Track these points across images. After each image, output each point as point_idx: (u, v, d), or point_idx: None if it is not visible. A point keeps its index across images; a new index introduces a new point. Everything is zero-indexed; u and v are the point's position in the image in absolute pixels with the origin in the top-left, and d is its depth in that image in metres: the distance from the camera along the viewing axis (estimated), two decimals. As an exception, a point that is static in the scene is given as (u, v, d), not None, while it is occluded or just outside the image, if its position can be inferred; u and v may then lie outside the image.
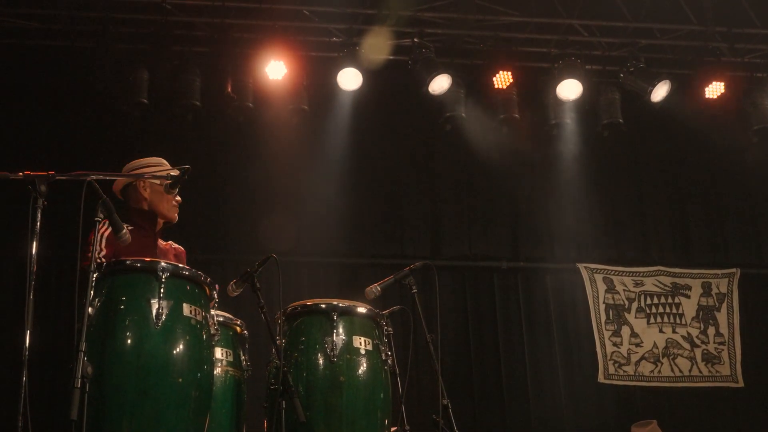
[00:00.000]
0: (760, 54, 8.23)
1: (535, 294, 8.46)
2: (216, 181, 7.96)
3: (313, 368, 3.87)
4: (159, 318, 3.28)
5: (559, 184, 8.48)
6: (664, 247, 8.76)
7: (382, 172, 8.45)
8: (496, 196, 8.54)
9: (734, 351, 8.42)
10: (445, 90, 7.88)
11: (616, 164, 8.68)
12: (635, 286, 8.49)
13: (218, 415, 3.78)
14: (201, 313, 3.45)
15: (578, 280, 8.43)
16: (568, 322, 8.39)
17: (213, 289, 3.58)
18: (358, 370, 3.90)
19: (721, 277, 8.62)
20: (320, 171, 8.09)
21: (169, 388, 3.27)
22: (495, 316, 8.33)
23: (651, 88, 7.84)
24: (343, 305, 3.99)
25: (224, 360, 3.91)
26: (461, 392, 7.84)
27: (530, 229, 8.60)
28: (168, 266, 3.38)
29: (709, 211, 8.90)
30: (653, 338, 8.35)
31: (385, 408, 3.99)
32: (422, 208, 8.58)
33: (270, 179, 7.97)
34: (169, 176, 3.90)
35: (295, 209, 7.99)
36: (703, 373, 8.32)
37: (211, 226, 7.90)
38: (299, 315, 4.02)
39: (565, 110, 8.09)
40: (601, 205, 8.63)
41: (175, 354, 3.31)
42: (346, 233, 8.15)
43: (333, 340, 3.87)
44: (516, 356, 8.21)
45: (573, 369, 8.25)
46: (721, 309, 8.52)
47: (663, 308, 8.45)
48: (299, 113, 7.83)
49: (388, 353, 4.04)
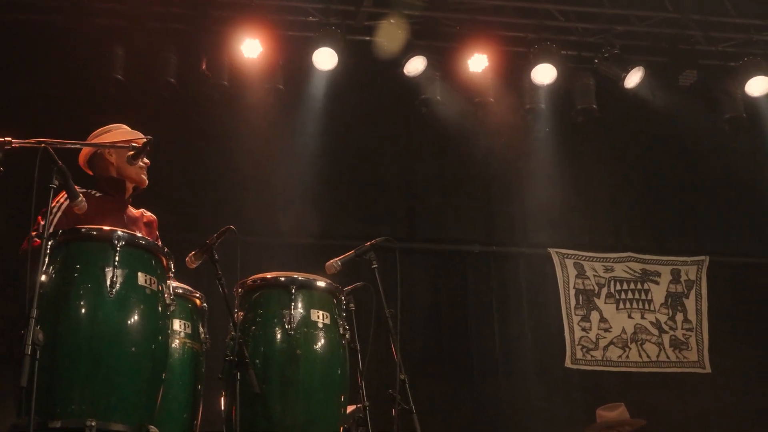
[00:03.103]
0: (734, 43, 8.26)
1: (507, 278, 8.51)
2: (189, 159, 7.93)
3: (270, 341, 3.88)
4: (113, 286, 3.27)
5: (533, 169, 8.51)
6: (635, 233, 8.83)
7: (357, 153, 8.45)
8: (470, 180, 8.55)
9: (702, 337, 8.50)
10: (420, 72, 7.88)
11: (589, 150, 8.71)
12: (605, 272, 8.56)
13: (175, 386, 3.79)
14: (156, 283, 3.43)
15: (550, 264, 8.49)
16: (538, 306, 8.45)
17: (170, 259, 3.56)
18: (316, 344, 3.92)
19: (690, 265, 8.70)
20: (295, 151, 8.08)
21: (122, 357, 3.25)
22: (466, 300, 8.37)
23: (625, 74, 7.88)
24: (302, 279, 4.00)
25: (182, 332, 3.90)
26: (432, 374, 7.89)
27: (503, 214, 8.64)
28: (124, 235, 3.37)
29: (680, 198, 8.98)
30: (622, 324, 8.42)
31: (342, 382, 4.01)
32: (397, 190, 8.59)
33: (244, 158, 7.94)
34: (132, 147, 3.88)
35: (268, 189, 7.97)
36: (670, 358, 8.41)
37: (184, 204, 7.85)
38: (258, 288, 4.03)
39: (540, 95, 8.08)
40: (573, 191, 8.66)
41: (128, 323, 3.30)
42: (320, 214, 8.14)
43: (291, 313, 3.88)
44: (486, 340, 8.26)
45: (542, 353, 8.31)
46: (690, 296, 8.61)
47: (632, 294, 8.53)
48: (274, 92, 7.80)
49: (346, 327, 4.05)
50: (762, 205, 8.82)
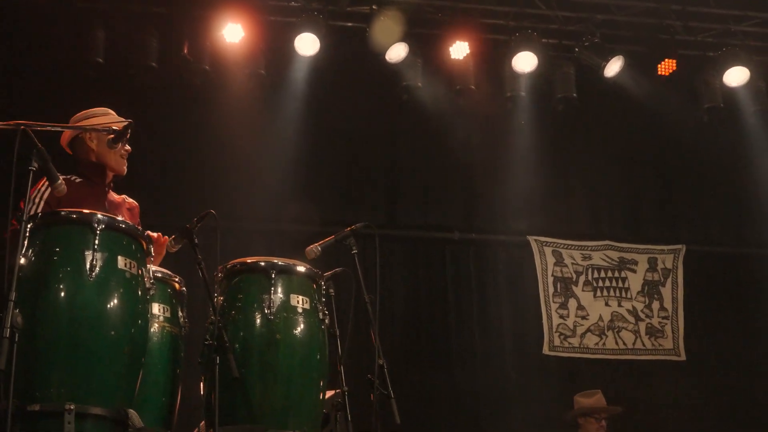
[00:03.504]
0: (713, 33, 8.32)
1: (486, 265, 8.56)
2: (170, 144, 7.91)
3: (249, 325, 3.88)
4: (93, 270, 3.26)
5: (513, 157, 8.54)
6: (613, 221, 8.90)
7: (338, 139, 8.44)
8: (450, 167, 8.58)
9: (677, 325, 8.59)
10: (402, 59, 7.88)
11: (569, 139, 8.76)
12: (583, 260, 8.62)
13: (154, 371, 3.77)
14: (136, 267, 3.43)
15: (528, 252, 8.54)
16: (517, 293, 8.50)
17: (150, 243, 3.57)
18: (295, 329, 3.91)
19: (667, 253, 8.78)
20: (276, 137, 8.06)
21: (102, 341, 3.25)
22: (446, 287, 8.42)
23: (605, 63, 7.92)
24: (282, 263, 3.99)
25: (161, 316, 3.89)
26: (410, 360, 7.94)
27: (483, 201, 8.67)
28: (104, 218, 3.36)
29: (658, 187, 9.06)
30: (599, 311, 8.49)
31: (321, 367, 4.01)
32: (377, 176, 8.61)
33: (225, 144, 7.92)
34: (111, 130, 3.86)
35: (249, 174, 7.96)
36: (646, 346, 8.49)
37: (164, 188, 7.85)
38: (238, 272, 4.02)
39: (521, 83, 8.11)
40: (553, 179, 8.72)
41: (108, 307, 3.29)
42: (300, 200, 8.14)
43: (271, 298, 3.87)
44: (465, 326, 8.31)
45: (520, 340, 8.37)
46: (666, 284, 8.69)
47: (609, 282, 8.60)
48: (256, 78, 7.78)
49: (325, 312, 4.06)
50: (738, 195, 8.91)
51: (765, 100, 8.31)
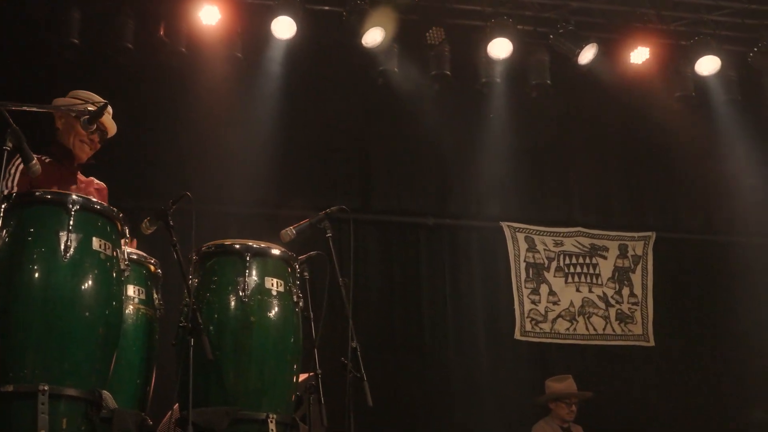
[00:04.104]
0: (685, 22, 8.35)
1: (460, 251, 8.60)
2: (146, 126, 7.86)
3: (224, 308, 3.90)
4: (67, 251, 3.26)
5: (487, 143, 8.57)
6: (585, 209, 8.96)
7: (313, 123, 8.43)
8: (425, 152, 8.60)
9: (646, 311, 8.69)
10: (378, 43, 7.88)
11: (542, 125, 8.78)
12: (555, 246, 8.69)
13: (129, 352, 3.79)
14: (111, 249, 3.43)
15: (501, 238, 8.59)
16: (490, 279, 8.55)
17: (125, 225, 3.56)
18: (270, 312, 3.94)
19: (638, 240, 8.87)
20: (251, 120, 8.02)
21: (76, 322, 3.26)
22: (419, 271, 8.45)
23: (579, 50, 7.96)
24: (257, 246, 4.02)
25: (136, 298, 3.91)
26: (383, 346, 7.98)
27: (457, 187, 8.71)
28: (78, 199, 3.36)
29: (629, 175, 9.13)
30: (570, 297, 8.57)
31: (295, 350, 4.04)
32: (352, 161, 8.61)
33: (201, 127, 7.88)
34: (86, 111, 3.85)
35: (224, 158, 7.92)
36: (616, 331, 8.59)
37: (139, 171, 7.82)
38: (213, 255, 4.04)
39: (496, 69, 8.13)
40: (526, 166, 8.77)
41: (82, 288, 3.30)
42: (275, 184, 8.14)
43: (245, 280, 3.90)
44: (438, 311, 8.35)
45: (492, 326, 8.42)
46: (636, 271, 8.78)
47: (581, 268, 8.67)
48: (232, 60, 7.73)
49: (300, 296, 4.08)
50: (708, 183, 9.00)
51: (735, 89, 8.38)
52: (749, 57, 8.34)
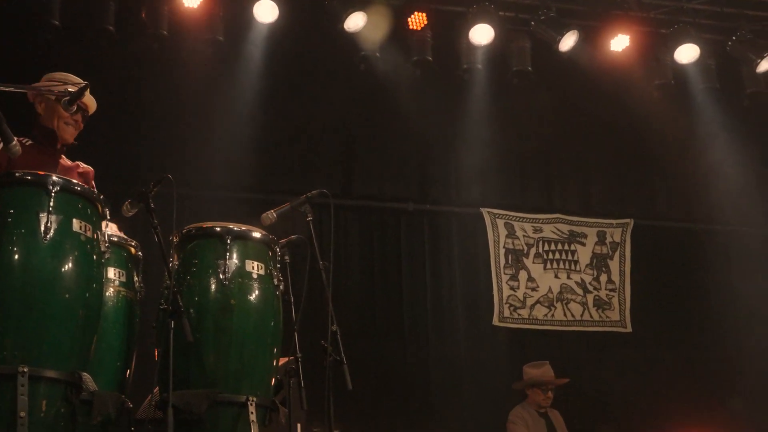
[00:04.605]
0: (665, 10, 8.40)
1: (440, 236, 8.63)
2: (126, 109, 7.82)
3: (204, 290, 3.90)
4: (47, 232, 3.23)
5: (468, 129, 8.59)
6: (564, 195, 9.02)
7: (295, 108, 8.41)
8: (406, 138, 8.61)
9: (624, 298, 8.77)
10: (360, 28, 7.87)
11: (523, 112, 8.81)
12: (534, 232, 8.74)
13: (109, 335, 3.79)
14: (91, 230, 3.41)
15: (481, 224, 8.63)
16: (469, 264, 8.59)
17: (105, 206, 3.54)
18: (250, 295, 3.94)
19: (616, 227, 8.94)
20: (232, 104, 8.00)
21: (56, 304, 3.24)
22: (400, 257, 8.47)
23: (560, 37, 7.98)
24: (238, 229, 4.01)
25: (117, 280, 3.90)
26: (363, 330, 8.01)
27: (438, 173, 8.74)
28: (59, 180, 3.33)
29: (608, 162, 9.18)
30: (549, 283, 8.63)
31: (275, 333, 4.05)
32: (333, 146, 8.61)
33: (182, 110, 7.86)
34: (66, 92, 3.82)
35: (206, 142, 7.90)
36: (593, 318, 8.66)
37: (122, 155, 7.77)
38: (194, 237, 4.03)
39: (477, 55, 8.15)
40: (506, 152, 8.80)
41: (62, 270, 3.27)
42: (256, 168, 8.13)
43: (226, 263, 3.90)
44: (417, 296, 8.39)
45: (472, 311, 8.47)
46: (614, 257, 8.85)
47: (559, 255, 8.73)
48: (214, 44, 7.69)
49: (280, 279, 4.08)
50: (686, 171, 9.07)
51: (714, 77, 8.45)
52: (728, 45, 8.41)
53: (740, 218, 9.01)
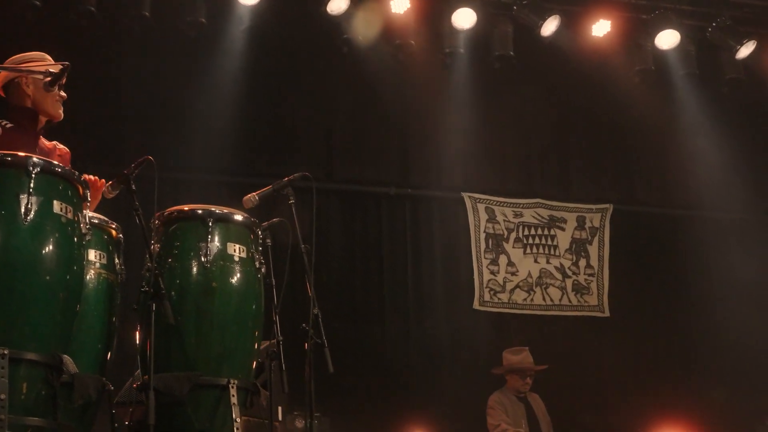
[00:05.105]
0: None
1: (421, 220, 8.66)
2: (107, 91, 7.77)
3: (186, 273, 3.88)
4: (27, 214, 3.19)
5: (449, 113, 8.61)
6: (544, 180, 9.07)
7: (277, 91, 8.39)
8: (388, 121, 8.61)
9: (602, 282, 8.84)
10: (342, 11, 7.83)
11: (504, 97, 8.83)
12: (515, 217, 8.78)
13: (90, 317, 3.76)
14: (72, 212, 3.39)
15: (462, 208, 8.66)
16: (450, 249, 8.63)
17: (86, 188, 3.51)
18: (232, 277, 3.93)
19: (595, 212, 9.00)
20: (214, 87, 7.97)
21: (36, 286, 3.21)
22: (381, 241, 8.50)
23: (542, 22, 7.99)
24: (220, 212, 3.99)
25: (98, 262, 3.86)
26: (344, 315, 8.03)
27: (419, 157, 8.75)
28: (39, 162, 3.28)
29: (589, 147, 9.23)
30: (528, 268, 8.69)
31: (257, 316, 4.04)
32: (316, 129, 8.60)
33: (163, 92, 7.83)
34: (48, 72, 3.79)
35: (188, 124, 7.89)
36: (572, 302, 8.73)
37: (101, 136, 7.73)
38: (175, 220, 4.01)
39: (460, 40, 8.14)
40: (487, 137, 8.81)
41: (43, 252, 3.24)
42: (238, 152, 8.12)
43: (207, 246, 3.88)
44: (398, 280, 8.42)
45: (452, 295, 8.52)
46: (593, 242, 8.91)
47: (539, 239, 8.78)
48: (196, 26, 7.64)
49: (262, 262, 4.07)
50: (665, 156, 9.14)
51: (694, 63, 8.49)
52: (708, 32, 8.44)
53: (717, 204, 9.08)
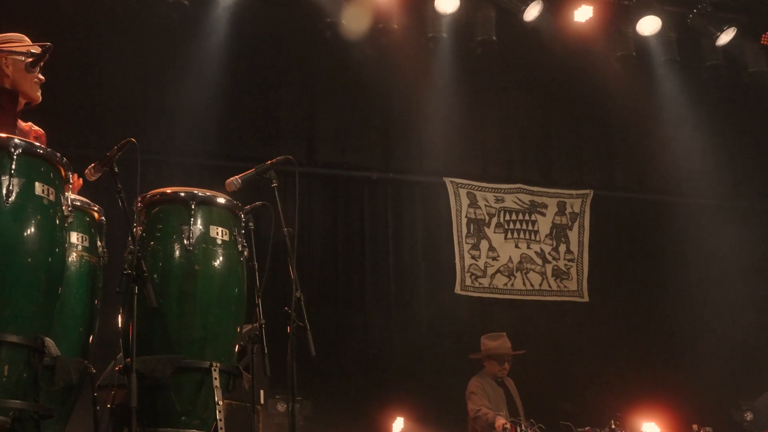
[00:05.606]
0: (628, -18, 8.48)
1: (403, 205, 8.68)
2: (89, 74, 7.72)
3: (169, 256, 3.87)
4: (9, 196, 3.16)
5: (431, 98, 8.61)
6: (526, 166, 9.10)
7: (260, 75, 8.37)
8: (370, 106, 8.61)
9: (582, 268, 8.89)
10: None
11: (486, 82, 8.85)
12: (496, 202, 8.81)
13: (72, 300, 3.76)
14: (54, 194, 3.36)
15: (444, 193, 8.68)
16: (432, 233, 8.65)
17: (68, 170, 3.48)
18: (214, 260, 3.92)
19: (576, 198, 9.04)
20: (197, 70, 7.94)
21: (18, 268, 3.18)
22: (363, 225, 8.51)
23: (525, 7, 7.99)
24: (202, 194, 3.98)
25: (80, 245, 3.85)
26: (326, 299, 8.04)
27: (401, 142, 8.76)
28: (21, 143, 3.25)
29: (569, 133, 9.27)
30: (509, 253, 8.72)
31: (239, 299, 4.03)
32: (298, 114, 8.58)
33: (145, 75, 7.81)
34: (30, 53, 3.76)
35: (170, 107, 7.85)
36: (552, 287, 8.77)
37: (85, 120, 7.69)
38: (158, 203, 3.99)
39: (442, 24, 8.14)
40: (469, 121, 8.83)
41: (25, 234, 3.21)
42: (221, 136, 8.10)
43: (190, 228, 3.87)
44: (381, 265, 8.44)
45: (434, 280, 8.54)
46: (573, 228, 8.96)
47: (520, 225, 8.82)
48: (179, 8, 7.59)
49: (245, 245, 4.06)
50: (645, 142, 9.19)
51: (675, 49, 8.54)
52: (689, 18, 8.49)
53: (697, 190, 9.15)
